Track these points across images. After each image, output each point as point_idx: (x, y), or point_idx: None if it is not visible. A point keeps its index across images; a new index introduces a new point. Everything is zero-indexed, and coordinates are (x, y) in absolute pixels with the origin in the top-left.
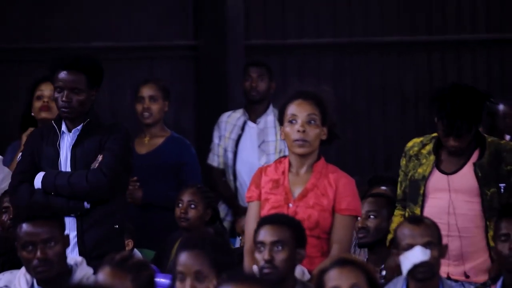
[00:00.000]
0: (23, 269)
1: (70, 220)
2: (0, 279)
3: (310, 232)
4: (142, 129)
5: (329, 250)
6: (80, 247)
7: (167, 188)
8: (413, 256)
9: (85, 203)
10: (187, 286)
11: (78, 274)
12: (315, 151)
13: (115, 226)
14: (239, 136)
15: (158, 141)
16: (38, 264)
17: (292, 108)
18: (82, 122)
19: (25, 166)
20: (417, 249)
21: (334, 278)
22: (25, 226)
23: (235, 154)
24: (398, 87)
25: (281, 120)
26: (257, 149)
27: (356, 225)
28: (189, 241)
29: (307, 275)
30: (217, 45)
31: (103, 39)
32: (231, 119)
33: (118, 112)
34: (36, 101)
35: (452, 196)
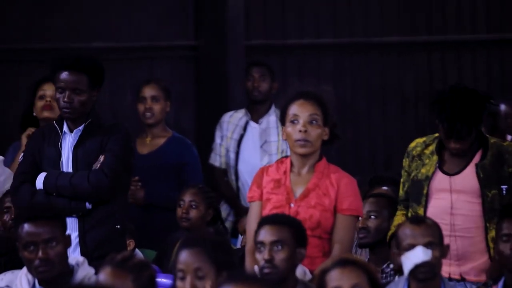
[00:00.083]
0: (24, 269)
1: (72, 220)
2: (2, 279)
3: (312, 232)
4: (143, 129)
5: (331, 250)
6: (82, 248)
7: (168, 188)
8: (415, 256)
9: (87, 203)
10: (187, 283)
11: (80, 274)
12: (316, 151)
13: (116, 226)
14: (241, 136)
15: (160, 141)
16: (39, 264)
17: (294, 108)
18: (84, 123)
19: (27, 167)
20: (419, 249)
21: (335, 278)
22: (26, 226)
23: (237, 154)
24: (398, 87)
25: (282, 120)
26: (259, 149)
27: (357, 225)
28: (189, 240)
29: (309, 275)
30: (217, 45)
31: (103, 39)
32: (233, 119)
33: (118, 112)
34: (39, 101)
35: (453, 197)
